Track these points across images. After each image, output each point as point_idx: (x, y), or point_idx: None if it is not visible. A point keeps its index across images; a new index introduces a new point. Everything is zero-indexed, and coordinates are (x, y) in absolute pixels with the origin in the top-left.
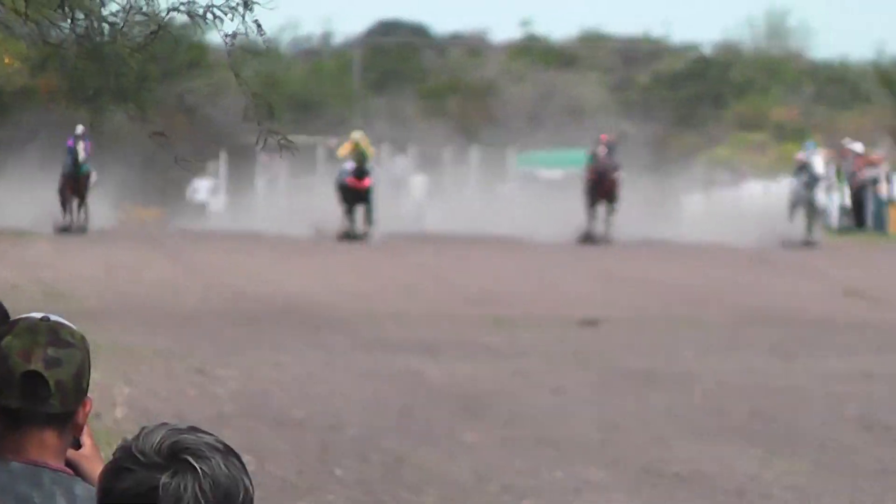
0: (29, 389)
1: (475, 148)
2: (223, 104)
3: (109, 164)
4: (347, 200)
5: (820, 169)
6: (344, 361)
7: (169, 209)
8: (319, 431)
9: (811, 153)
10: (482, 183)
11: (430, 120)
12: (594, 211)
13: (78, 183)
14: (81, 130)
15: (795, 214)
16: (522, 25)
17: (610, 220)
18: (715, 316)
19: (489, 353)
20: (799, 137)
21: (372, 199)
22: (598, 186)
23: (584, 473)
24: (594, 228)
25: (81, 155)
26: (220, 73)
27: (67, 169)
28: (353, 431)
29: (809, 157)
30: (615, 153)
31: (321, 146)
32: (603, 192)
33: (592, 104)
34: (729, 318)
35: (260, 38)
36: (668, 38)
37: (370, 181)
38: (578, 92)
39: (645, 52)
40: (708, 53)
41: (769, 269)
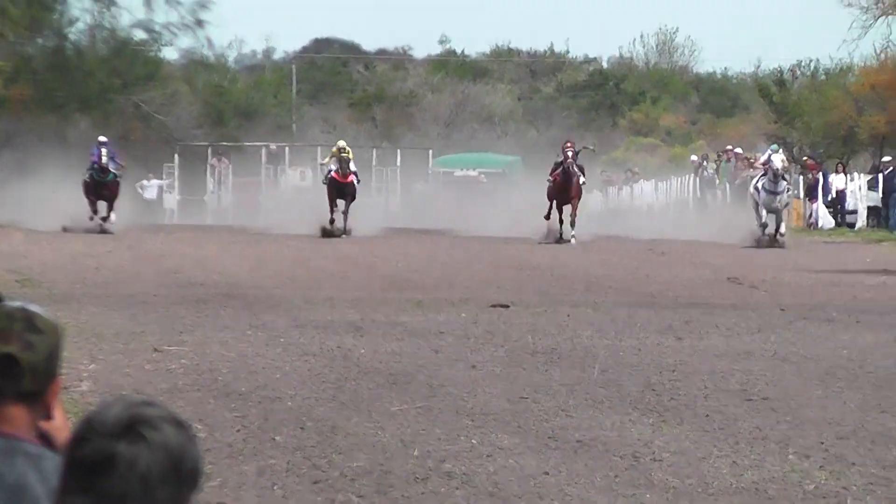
0: (4, 370)
1: (398, 151)
2: (176, 112)
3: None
4: (333, 193)
5: (777, 166)
6: (282, 340)
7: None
8: (261, 402)
9: (772, 154)
10: (404, 181)
11: (358, 126)
12: (559, 213)
13: (106, 188)
14: (104, 139)
15: (761, 216)
16: (440, 42)
17: (573, 221)
18: (612, 300)
19: (411, 332)
20: (685, 141)
21: (354, 193)
22: (562, 189)
23: (496, 440)
24: (558, 230)
25: (105, 161)
26: (173, 84)
27: (95, 175)
28: (291, 402)
29: (771, 155)
30: (577, 160)
31: (263, 149)
32: (566, 197)
33: (502, 112)
34: (624, 302)
35: (211, 53)
36: (569, 52)
37: (352, 177)
38: (490, 101)
39: (549, 65)
40: (605, 67)
41: (661, 258)
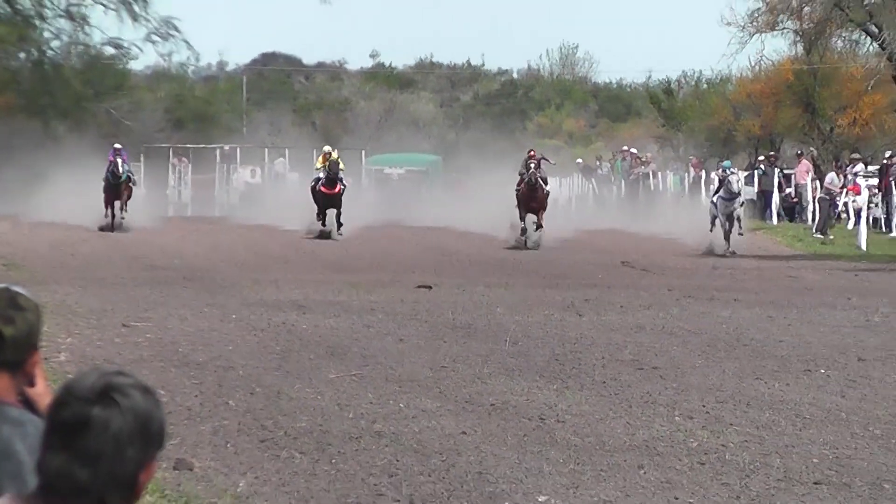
0: None
1: (337, 152)
2: (141, 118)
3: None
4: (320, 204)
5: (735, 188)
6: (234, 317)
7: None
8: (216, 371)
9: (729, 173)
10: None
11: (300, 129)
12: (524, 219)
13: (119, 190)
14: (119, 146)
15: (715, 226)
16: (371, 56)
17: (539, 226)
18: (522, 282)
19: (347, 310)
20: (586, 143)
21: (341, 202)
22: (528, 198)
23: (420, 403)
24: (523, 235)
25: (121, 166)
26: (138, 93)
27: (109, 179)
28: (241, 371)
29: (727, 176)
30: (540, 168)
31: (217, 150)
32: (534, 203)
33: (425, 117)
34: (533, 283)
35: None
36: (484, 65)
37: (340, 188)
38: (414, 108)
39: (466, 76)
40: (515, 77)
41: (564, 245)
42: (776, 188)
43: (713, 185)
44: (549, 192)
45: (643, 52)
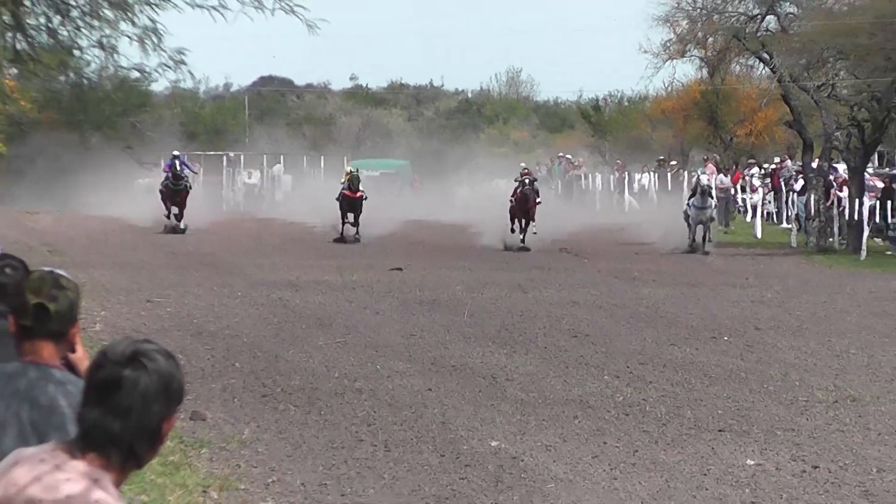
0: (37, 314)
1: (322, 157)
2: (161, 130)
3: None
4: (344, 207)
5: (705, 182)
6: (240, 294)
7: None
8: (225, 339)
9: (705, 183)
10: (326, 179)
11: (292, 140)
12: (515, 225)
13: (178, 195)
14: (177, 152)
15: (693, 230)
16: (351, 79)
17: (527, 232)
18: (477, 265)
19: (332, 288)
20: (529, 150)
21: (362, 207)
22: (520, 208)
23: (393, 365)
24: (514, 239)
25: (178, 169)
26: (159, 110)
27: (170, 184)
28: (246, 339)
29: (699, 178)
30: (533, 183)
31: (224, 157)
32: (524, 212)
33: (396, 129)
34: (486, 266)
35: (192, 83)
36: (443, 86)
37: (361, 194)
38: (387, 121)
39: (429, 95)
40: (470, 97)
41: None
42: (685, 187)
43: (685, 191)
44: (539, 202)
45: (576, 75)
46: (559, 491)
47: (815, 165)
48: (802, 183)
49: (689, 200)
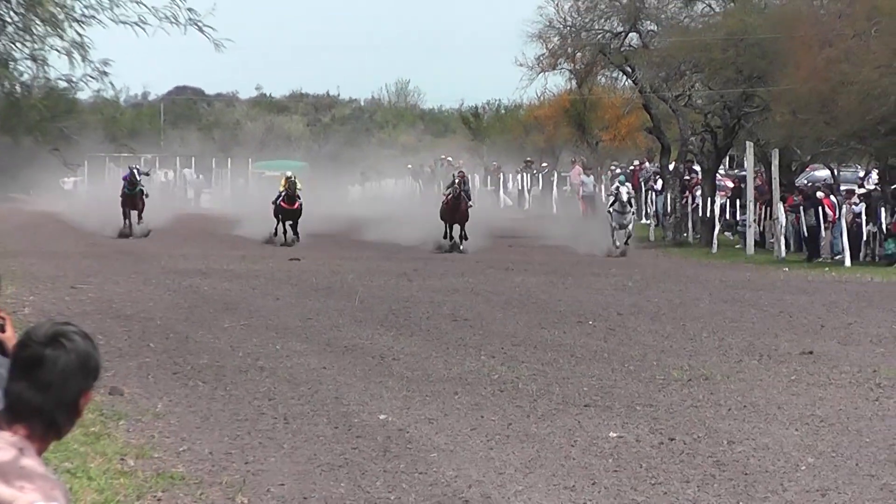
0: None
1: (229, 159)
2: (85, 134)
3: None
4: (280, 217)
5: (625, 198)
6: (154, 281)
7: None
8: (140, 322)
9: (620, 186)
10: (233, 178)
11: (204, 144)
12: (450, 230)
13: (133, 200)
14: (134, 164)
15: (614, 235)
16: (256, 88)
17: (462, 235)
18: (367, 255)
19: (237, 276)
20: (415, 153)
21: (298, 216)
22: (452, 211)
23: (292, 346)
24: (447, 243)
25: (137, 178)
26: (84, 116)
27: (125, 190)
28: (159, 321)
29: (619, 189)
30: (466, 185)
31: (142, 158)
32: (456, 216)
33: (296, 134)
34: (375, 255)
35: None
36: (339, 95)
37: (298, 204)
38: (288, 127)
39: (326, 103)
40: (363, 104)
41: (399, 227)
42: (555, 186)
43: (555, 190)
44: (472, 205)
45: (458, 85)
46: (441, 460)
47: (671, 167)
48: (661, 182)
49: (609, 208)
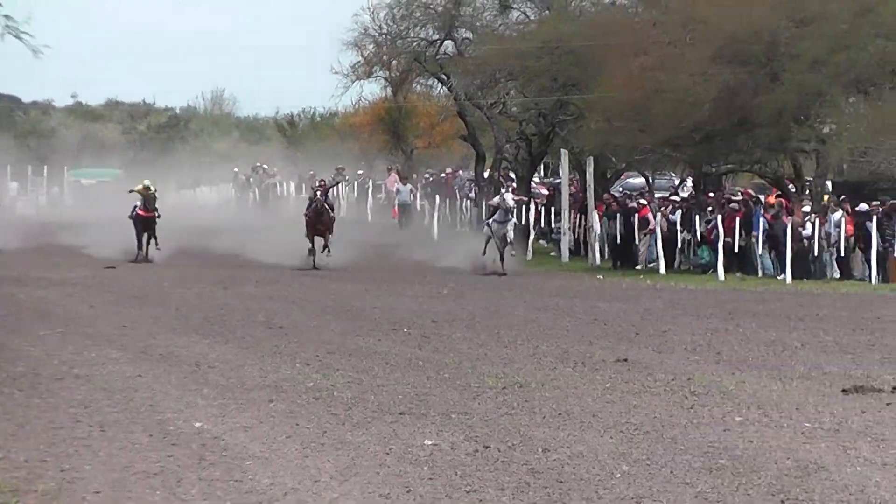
0: None
1: (45, 166)
2: None
3: None
4: (140, 227)
5: (510, 204)
6: None
7: None
8: None
9: (502, 195)
10: (49, 186)
11: (19, 151)
12: (312, 243)
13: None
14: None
15: (490, 247)
16: (72, 97)
17: (325, 248)
18: (181, 263)
19: (54, 284)
20: (229, 161)
21: (155, 225)
22: (314, 223)
23: (107, 353)
24: (311, 255)
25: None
26: None
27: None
28: None
29: (503, 197)
30: (327, 197)
31: None
32: (320, 226)
33: (112, 142)
34: (190, 264)
35: None
36: (155, 103)
37: (155, 213)
38: (104, 135)
39: (142, 111)
40: (178, 112)
41: (213, 235)
42: (370, 194)
43: (370, 198)
44: (334, 217)
45: (274, 93)
46: (256, 467)
47: (486, 175)
48: (476, 191)
49: (489, 220)
